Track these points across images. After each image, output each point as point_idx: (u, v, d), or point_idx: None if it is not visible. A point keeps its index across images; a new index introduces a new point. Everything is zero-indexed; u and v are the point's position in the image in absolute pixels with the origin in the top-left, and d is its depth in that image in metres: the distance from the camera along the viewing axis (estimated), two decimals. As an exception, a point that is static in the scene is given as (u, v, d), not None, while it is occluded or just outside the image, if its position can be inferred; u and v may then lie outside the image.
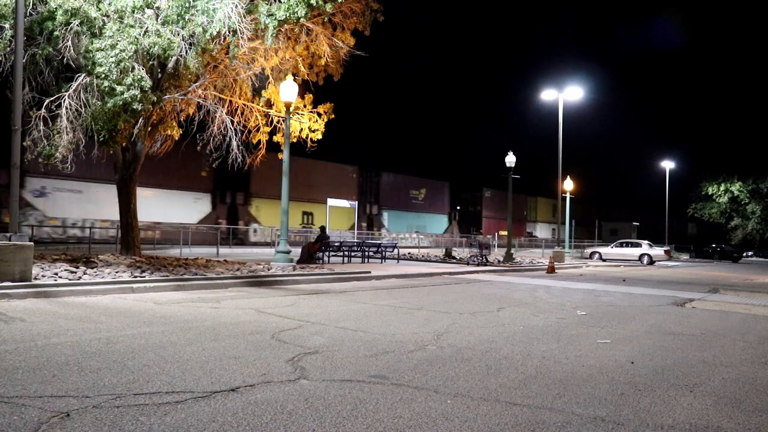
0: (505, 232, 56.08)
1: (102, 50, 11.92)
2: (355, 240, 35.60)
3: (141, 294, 10.08)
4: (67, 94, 12.39)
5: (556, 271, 22.70)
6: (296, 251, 19.47)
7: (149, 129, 15.07)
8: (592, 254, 37.13)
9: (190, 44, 13.01)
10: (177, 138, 16.91)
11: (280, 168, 16.34)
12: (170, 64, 13.33)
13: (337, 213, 42.40)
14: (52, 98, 12.49)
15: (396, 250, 23.88)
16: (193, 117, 16.48)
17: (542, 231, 65.14)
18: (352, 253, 22.26)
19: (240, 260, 17.88)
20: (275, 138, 17.56)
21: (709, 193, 58.52)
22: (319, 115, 17.43)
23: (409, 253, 28.62)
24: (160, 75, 13.57)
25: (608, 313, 10.24)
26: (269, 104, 17.17)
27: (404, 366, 5.47)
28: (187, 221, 33.01)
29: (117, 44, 11.91)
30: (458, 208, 61.13)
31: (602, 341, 7.26)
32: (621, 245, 37.06)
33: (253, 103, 16.89)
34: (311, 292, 11.74)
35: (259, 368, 5.13)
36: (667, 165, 55.13)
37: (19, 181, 10.36)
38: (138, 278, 10.91)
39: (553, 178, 33.58)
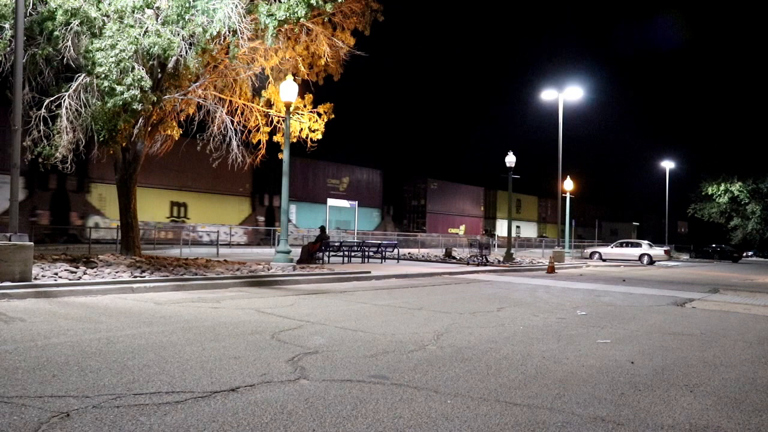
0: (455, 230, 52.68)
1: (102, 50, 11.92)
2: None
3: (141, 294, 10.08)
4: (67, 94, 12.39)
5: (556, 271, 22.71)
6: (296, 251, 19.46)
7: (149, 129, 15.07)
8: (592, 254, 37.13)
9: (190, 44, 13.01)
10: (177, 138, 16.91)
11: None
12: (170, 64, 13.33)
13: (224, 205, 35.95)
14: (52, 98, 12.49)
15: (396, 250, 23.92)
16: (193, 117, 16.48)
17: (504, 228, 56.74)
18: (352, 253, 22.29)
19: (240, 260, 17.88)
20: (275, 138, 17.56)
21: (709, 193, 58.52)
22: (319, 115, 17.43)
23: (409, 253, 28.70)
24: (160, 75, 13.57)
25: (608, 313, 10.24)
26: (269, 104, 17.17)
27: (404, 366, 5.47)
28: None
29: (117, 44, 11.91)
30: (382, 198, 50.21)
31: (602, 341, 7.26)
32: (621, 245, 37.06)
33: (253, 103, 16.89)
34: (311, 292, 11.74)
35: (259, 368, 5.13)
36: (667, 165, 55.16)
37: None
38: (138, 278, 10.91)
39: (552, 178, 33.62)
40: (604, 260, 35.47)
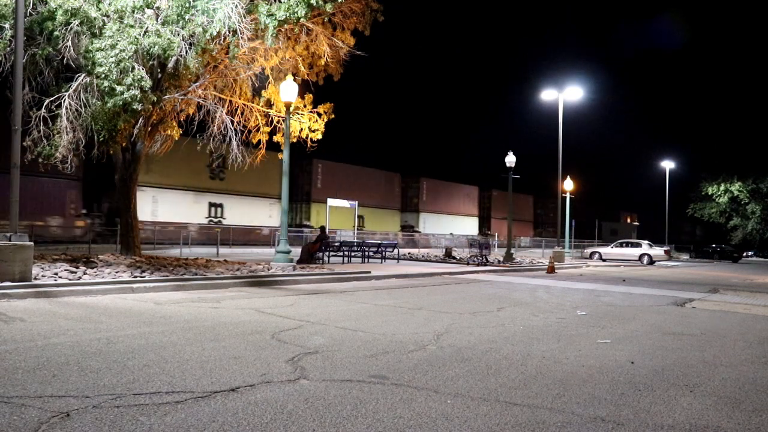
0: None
1: (102, 50, 11.91)
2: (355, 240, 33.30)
3: (141, 294, 10.08)
4: (67, 94, 12.39)
5: (556, 271, 22.71)
6: (296, 251, 19.46)
7: (149, 129, 15.06)
8: (592, 254, 37.14)
9: (190, 44, 13.00)
10: (177, 138, 16.91)
11: None
12: (170, 64, 13.33)
13: None
14: (52, 98, 12.49)
15: (396, 250, 23.93)
16: (193, 117, 16.48)
17: (257, 209, 35.32)
18: (352, 253, 22.30)
19: (240, 260, 17.88)
20: (275, 138, 17.56)
21: (709, 193, 58.51)
22: (319, 115, 17.42)
23: (409, 254, 28.69)
24: (160, 75, 13.57)
25: (608, 313, 10.24)
26: (269, 104, 17.17)
27: (404, 366, 5.47)
28: None
29: (117, 44, 11.91)
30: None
31: (602, 341, 7.26)
32: (621, 245, 37.08)
33: (253, 103, 16.89)
34: (311, 292, 11.74)
35: (259, 368, 5.13)
36: (667, 165, 55.18)
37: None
38: (138, 278, 10.91)
39: (552, 177, 33.61)
40: (604, 260, 35.47)
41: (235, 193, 34.32)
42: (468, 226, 56.32)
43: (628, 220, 74.67)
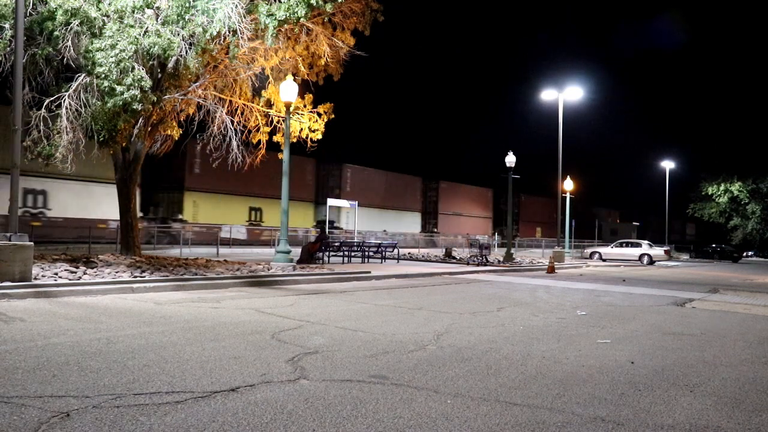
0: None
1: (102, 50, 11.91)
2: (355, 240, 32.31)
3: (141, 294, 10.08)
4: (67, 94, 12.39)
5: (556, 271, 22.70)
6: (296, 251, 19.46)
7: (149, 129, 15.05)
8: (592, 254, 37.14)
9: (190, 44, 13.00)
10: (177, 138, 16.91)
11: None
12: (170, 64, 13.32)
13: None
14: (52, 98, 12.49)
15: (396, 250, 23.93)
16: (193, 117, 16.47)
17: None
18: (352, 253, 22.31)
19: (240, 260, 17.89)
20: (275, 138, 17.56)
21: (709, 193, 58.48)
22: (319, 115, 17.42)
23: (409, 253, 28.69)
24: (160, 75, 13.57)
25: (608, 313, 10.24)
26: (269, 104, 17.16)
27: (404, 366, 5.47)
28: None
29: (117, 44, 11.91)
30: None
31: (602, 341, 7.26)
32: (621, 245, 37.08)
33: (253, 103, 16.88)
34: (311, 292, 11.74)
35: (259, 368, 5.13)
36: (667, 165, 55.20)
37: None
38: (138, 278, 10.91)
39: (552, 177, 33.61)
40: (604, 260, 35.47)
41: (66, 177, 24.41)
42: (408, 222, 48.98)
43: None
